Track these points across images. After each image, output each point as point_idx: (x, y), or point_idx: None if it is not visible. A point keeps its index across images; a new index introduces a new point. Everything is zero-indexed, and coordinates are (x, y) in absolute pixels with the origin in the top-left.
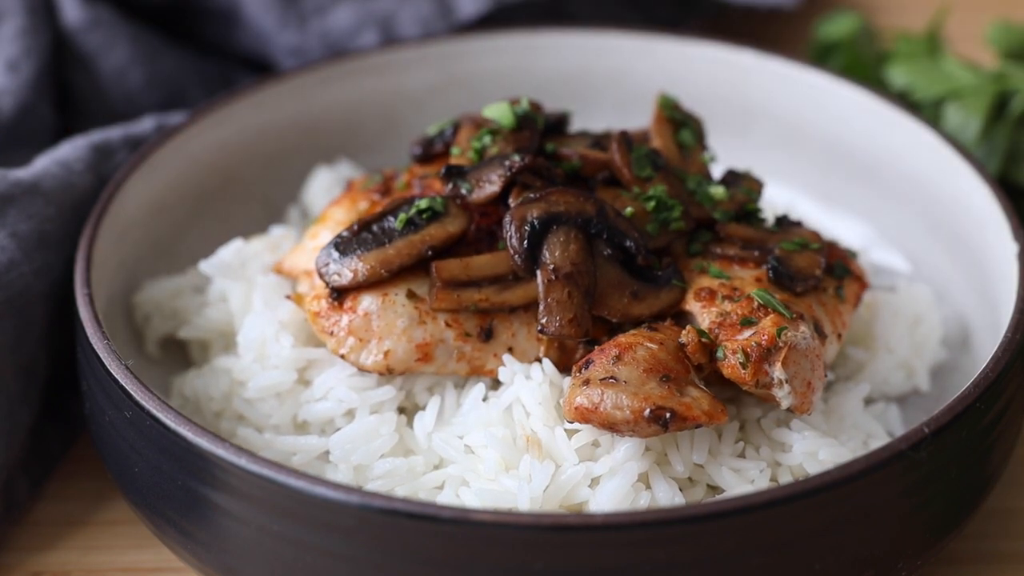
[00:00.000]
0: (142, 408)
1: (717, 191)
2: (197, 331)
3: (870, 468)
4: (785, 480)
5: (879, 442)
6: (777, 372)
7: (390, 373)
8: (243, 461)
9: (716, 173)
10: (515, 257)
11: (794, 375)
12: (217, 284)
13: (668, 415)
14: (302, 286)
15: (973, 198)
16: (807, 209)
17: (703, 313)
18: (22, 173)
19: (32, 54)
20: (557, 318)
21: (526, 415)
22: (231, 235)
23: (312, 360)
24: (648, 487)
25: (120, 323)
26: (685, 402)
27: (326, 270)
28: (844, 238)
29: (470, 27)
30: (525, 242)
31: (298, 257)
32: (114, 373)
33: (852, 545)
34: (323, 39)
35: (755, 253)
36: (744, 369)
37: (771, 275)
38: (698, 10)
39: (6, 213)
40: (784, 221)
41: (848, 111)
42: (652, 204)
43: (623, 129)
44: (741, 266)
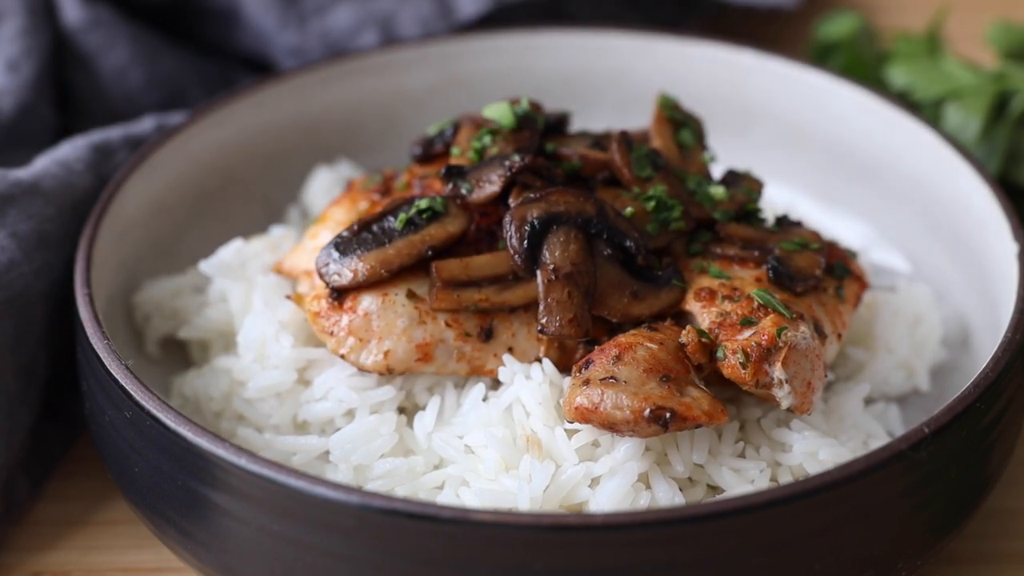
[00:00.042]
0: (142, 408)
1: (717, 191)
2: (197, 331)
3: (870, 468)
4: (785, 480)
5: (879, 442)
6: (777, 372)
7: (390, 373)
8: (243, 461)
9: (716, 173)
10: (515, 257)
11: (794, 375)
12: (217, 284)
13: (668, 415)
14: (302, 286)
15: (973, 198)
16: (807, 209)
17: (703, 313)
18: (22, 173)
19: (32, 54)
20: (557, 318)
21: (526, 415)
22: (231, 235)
23: (312, 360)
24: (648, 487)
25: (120, 323)
26: (685, 402)
27: (326, 270)
28: (844, 238)
29: (470, 27)
30: (525, 242)
31: (298, 257)
32: (114, 373)
33: (852, 545)
34: (323, 39)
35: (755, 253)
36: (744, 369)
37: (771, 275)
38: (698, 10)
39: (6, 213)
40: (784, 221)
41: (848, 111)
42: (652, 204)
43: (623, 129)
44: (741, 266)
